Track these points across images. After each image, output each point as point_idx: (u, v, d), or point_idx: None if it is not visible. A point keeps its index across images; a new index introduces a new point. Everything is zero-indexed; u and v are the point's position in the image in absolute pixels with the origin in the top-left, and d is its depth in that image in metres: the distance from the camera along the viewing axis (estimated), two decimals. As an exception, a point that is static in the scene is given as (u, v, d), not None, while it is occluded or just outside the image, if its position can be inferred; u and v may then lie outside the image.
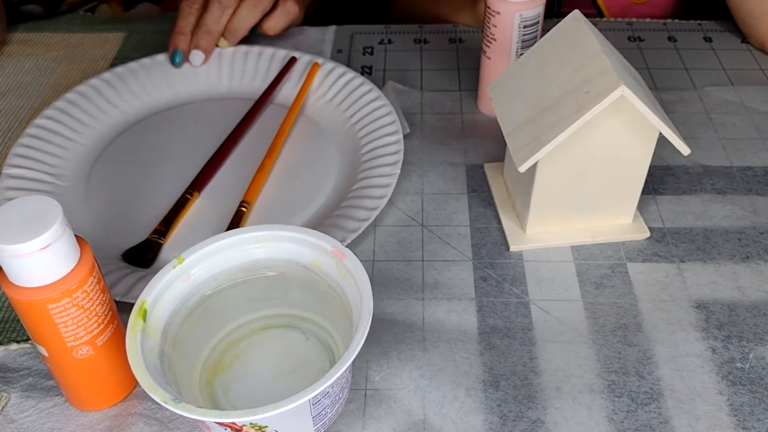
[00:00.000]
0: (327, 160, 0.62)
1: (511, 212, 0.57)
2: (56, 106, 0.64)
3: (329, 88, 0.68)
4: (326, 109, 0.67)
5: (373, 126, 0.63)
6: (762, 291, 0.52)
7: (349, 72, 0.69)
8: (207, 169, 0.61)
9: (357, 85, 0.67)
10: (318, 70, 0.69)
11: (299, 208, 0.58)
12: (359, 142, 0.63)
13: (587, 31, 0.51)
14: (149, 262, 0.54)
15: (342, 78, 0.68)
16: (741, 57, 0.73)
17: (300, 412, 0.40)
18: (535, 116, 0.50)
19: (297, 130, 0.66)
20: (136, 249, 0.54)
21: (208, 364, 0.47)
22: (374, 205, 0.56)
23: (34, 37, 0.78)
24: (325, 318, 0.48)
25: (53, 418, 0.45)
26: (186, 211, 0.58)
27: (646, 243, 0.55)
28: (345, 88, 0.68)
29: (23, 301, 0.39)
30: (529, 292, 0.52)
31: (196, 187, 0.59)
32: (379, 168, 0.59)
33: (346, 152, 0.63)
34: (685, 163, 0.61)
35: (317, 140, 0.65)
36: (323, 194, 0.59)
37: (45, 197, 0.39)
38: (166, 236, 0.55)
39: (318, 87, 0.69)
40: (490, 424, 0.45)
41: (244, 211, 0.57)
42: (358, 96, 0.66)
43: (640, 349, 0.48)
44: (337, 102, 0.67)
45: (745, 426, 0.44)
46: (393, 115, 0.63)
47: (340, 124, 0.65)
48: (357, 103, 0.66)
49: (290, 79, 0.70)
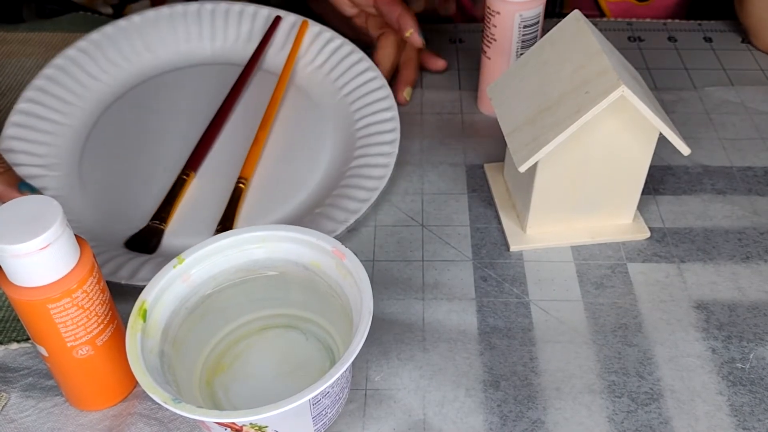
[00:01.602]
0: (321, 132, 0.62)
1: (511, 212, 0.57)
2: (35, 85, 0.62)
3: (318, 54, 0.66)
4: (316, 76, 0.66)
5: (367, 99, 0.62)
6: (762, 291, 0.52)
7: (337, 38, 0.67)
8: (200, 147, 0.60)
9: (346, 53, 0.66)
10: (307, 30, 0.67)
11: (298, 185, 0.58)
12: (353, 116, 0.62)
13: (587, 31, 0.51)
14: (153, 248, 0.54)
15: (330, 44, 0.66)
16: (741, 57, 0.73)
17: (300, 412, 0.40)
18: (535, 116, 0.50)
19: (288, 100, 0.64)
20: (138, 236, 0.54)
21: (208, 364, 0.47)
22: (374, 185, 0.56)
23: (34, 37, 0.78)
24: (325, 318, 0.48)
25: (53, 418, 0.45)
26: (184, 192, 0.57)
27: (646, 243, 0.55)
28: (334, 56, 0.66)
29: (23, 301, 0.39)
30: (529, 292, 0.52)
31: (191, 167, 0.58)
32: (377, 146, 0.59)
33: (340, 125, 0.62)
34: (685, 163, 0.61)
35: (309, 111, 0.64)
36: (321, 169, 0.59)
37: (45, 197, 0.39)
38: (167, 221, 0.55)
39: (306, 52, 0.67)
40: (490, 425, 0.44)
41: (242, 188, 0.57)
42: (349, 65, 0.65)
43: (640, 350, 0.48)
44: (327, 70, 0.65)
45: (745, 426, 0.44)
46: (386, 88, 0.62)
47: (332, 94, 0.64)
48: (348, 73, 0.64)
49: (276, 42, 0.68)
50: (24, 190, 0.52)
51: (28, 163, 0.58)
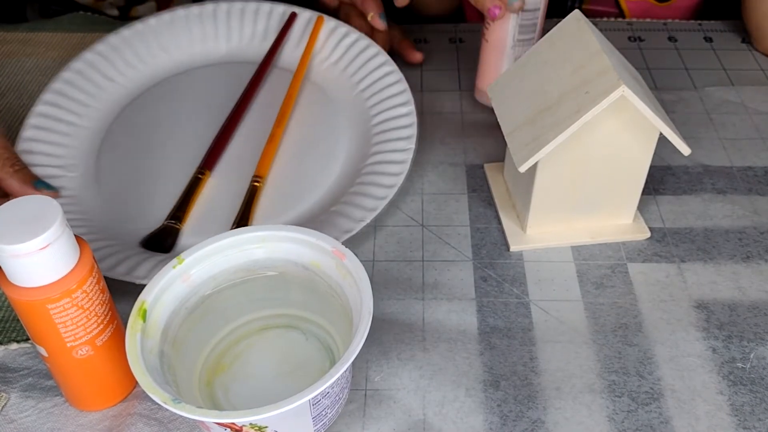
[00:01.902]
0: (337, 128, 0.61)
1: (511, 212, 0.57)
2: (53, 88, 0.62)
3: (333, 49, 0.66)
4: (331, 72, 0.65)
5: (383, 95, 0.62)
6: (762, 291, 0.52)
7: (352, 32, 0.66)
8: (216, 146, 0.60)
9: (363, 48, 0.65)
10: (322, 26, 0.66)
11: (313, 184, 0.57)
12: (369, 111, 0.61)
13: (587, 31, 0.51)
14: (169, 247, 0.54)
15: (346, 39, 0.66)
16: (741, 57, 0.73)
17: (300, 413, 0.40)
18: (535, 116, 0.50)
19: (303, 97, 0.64)
20: (154, 236, 0.54)
21: (208, 365, 0.47)
22: (391, 182, 0.55)
23: (34, 37, 0.78)
24: (325, 318, 0.48)
25: (53, 418, 0.45)
26: (199, 191, 0.57)
27: (647, 243, 0.55)
28: (350, 50, 0.65)
29: (23, 301, 0.39)
30: (529, 292, 0.52)
31: (206, 166, 0.59)
32: (393, 142, 0.58)
33: (356, 120, 0.62)
34: (686, 163, 0.61)
35: (325, 107, 0.63)
36: (336, 167, 0.59)
37: (44, 197, 0.39)
38: (183, 220, 0.55)
39: (321, 48, 0.66)
40: (490, 424, 0.44)
41: (257, 186, 0.57)
42: (365, 60, 0.64)
43: (640, 349, 0.48)
44: (343, 66, 0.65)
45: (745, 426, 0.44)
46: (403, 83, 0.62)
47: (348, 89, 0.64)
48: (364, 68, 0.64)
49: (291, 39, 0.67)
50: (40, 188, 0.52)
51: (46, 164, 0.58)
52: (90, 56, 0.65)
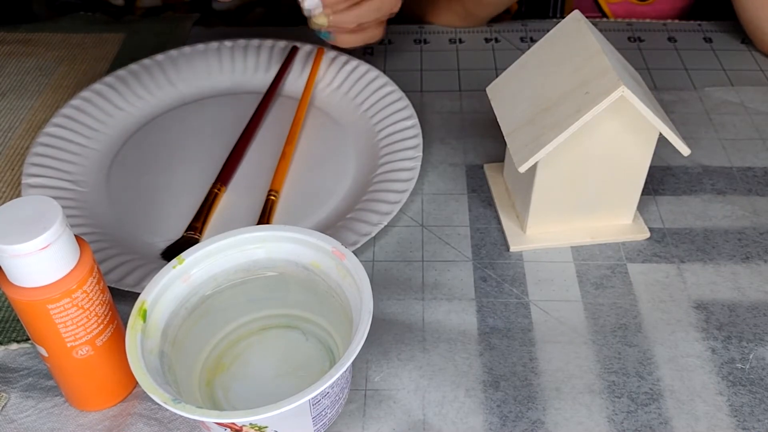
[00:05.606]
0: (345, 148, 0.63)
1: (511, 212, 0.57)
2: (63, 113, 0.64)
3: (335, 77, 0.69)
4: (334, 97, 0.68)
5: (387, 111, 0.64)
6: (762, 291, 0.52)
7: (352, 60, 0.69)
8: (230, 163, 0.61)
9: (363, 72, 0.68)
10: (323, 56, 0.70)
11: (326, 196, 0.59)
12: (374, 128, 0.64)
13: (587, 32, 0.51)
14: None
15: (347, 66, 0.69)
16: (741, 57, 0.73)
17: (300, 413, 0.40)
18: (535, 117, 0.50)
19: (309, 122, 0.66)
20: (174, 247, 0.55)
21: (208, 365, 0.47)
22: (403, 188, 0.57)
23: (34, 37, 0.78)
24: (325, 318, 0.48)
25: (53, 418, 0.45)
26: (216, 205, 0.58)
27: (646, 243, 0.55)
28: (351, 76, 0.68)
29: (23, 302, 0.39)
30: (529, 293, 0.52)
31: (222, 181, 0.60)
32: (401, 152, 0.60)
33: (362, 138, 0.64)
34: (685, 164, 0.61)
35: (331, 129, 0.65)
36: (348, 178, 0.61)
37: (44, 197, 0.39)
38: (202, 231, 0.56)
39: (323, 76, 0.69)
40: (489, 425, 0.45)
41: (273, 200, 0.58)
42: (366, 83, 0.67)
43: (640, 350, 0.48)
44: (345, 90, 0.68)
45: (745, 426, 0.44)
46: (405, 99, 0.65)
47: (351, 111, 0.66)
48: (366, 90, 0.67)
49: (294, 70, 0.71)
50: None
51: (56, 177, 0.60)
52: (99, 86, 0.67)
